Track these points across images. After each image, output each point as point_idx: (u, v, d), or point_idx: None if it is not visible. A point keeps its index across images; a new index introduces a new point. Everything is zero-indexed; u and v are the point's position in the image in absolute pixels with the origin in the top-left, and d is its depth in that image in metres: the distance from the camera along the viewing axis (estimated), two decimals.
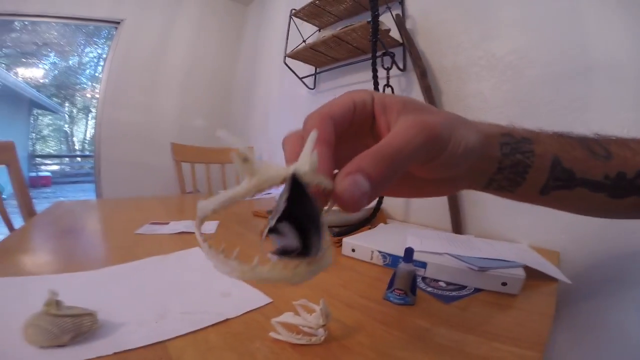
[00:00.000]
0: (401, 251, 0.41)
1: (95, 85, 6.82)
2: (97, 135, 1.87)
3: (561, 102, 0.65)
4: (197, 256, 0.53)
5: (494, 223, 0.77)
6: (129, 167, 1.91)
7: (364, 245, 0.55)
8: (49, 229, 0.70)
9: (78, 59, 6.65)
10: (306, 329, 0.31)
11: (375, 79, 0.80)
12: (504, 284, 0.43)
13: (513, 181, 0.25)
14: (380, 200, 0.77)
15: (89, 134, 8.05)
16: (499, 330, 0.34)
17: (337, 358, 0.28)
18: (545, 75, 0.68)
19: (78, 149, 8.48)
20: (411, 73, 0.94)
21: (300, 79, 1.37)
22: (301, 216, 0.15)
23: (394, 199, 0.89)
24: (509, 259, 0.48)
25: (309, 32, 1.31)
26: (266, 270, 0.14)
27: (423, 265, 0.48)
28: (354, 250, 0.56)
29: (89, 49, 6.48)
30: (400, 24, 0.92)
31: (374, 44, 0.79)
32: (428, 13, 0.92)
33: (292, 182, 0.14)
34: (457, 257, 0.48)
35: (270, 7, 1.85)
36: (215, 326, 0.32)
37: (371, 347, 0.30)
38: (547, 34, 0.68)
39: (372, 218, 0.76)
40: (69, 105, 7.96)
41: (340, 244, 0.58)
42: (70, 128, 8.33)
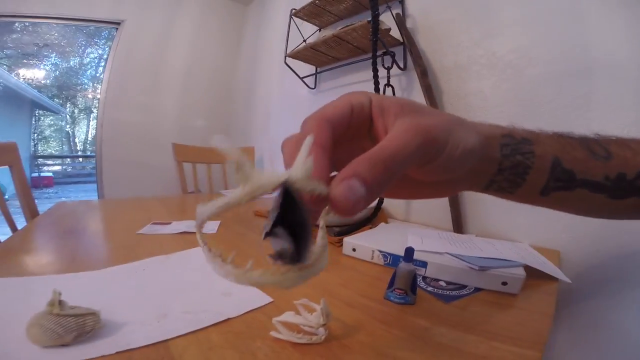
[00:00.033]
0: (402, 251, 0.41)
1: (97, 86, 6.84)
2: (98, 135, 1.88)
3: (562, 101, 0.65)
4: (199, 256, 0.53)
5: (495, 222, 0.77)
6: (130, 167, 1.92)
7: (364, 244, 0.55)
8: (52, 229, 0.71)
9: (79, 59, 6.66)
10: (307, 328, 0.31)
11: (376, 78, 0.81)
12: (504, 283, 0.43)
13: (513, 182, 0.25)
14: (381, 200, 0.77)
15: (90, 135, 8.08)
16: (498, 329, 0.34)
17: (337, 357, 0.28)
18: (545, 74, 0.68)
19: (80, 149, 8.50)
20: (412, 72, 0.94)
21: (301, 78, 1.37)
22: (294, 222, 0.15)
23: None
24: (510, 259, 0.48)
25: (309, 32, 1.31)
26: (257, 275, 0.15)
27: (424, 264, 0.48)
28: (354, 249, 0.56)
29: (89, 49, 6.50)
30: (401, 23, 0.92)
31: (375, 43, 0.80)
32: (428, 12, 0.92)
33: (283, 190, 0.14)
34: (458, 257, 0.48)
35: (270, 7, 1.85)
36: (216, 325, 0.33)
37: (371, 346, 0.30)
38: (548, 32, 0.68)
39: (373, 217, 0.76)
40: (70, 106, 7.97)
41: (341, 243, 0.58)
42: (71, 128, 8.35)
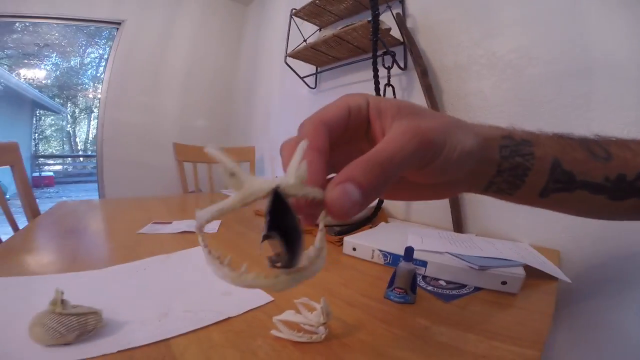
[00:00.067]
0: (402, 250, 0.41)
1: (97, 86, 6.85)
2: (99, 135, 1.88)
3: (562, 100, 0.65)
4: (199, 255, 0.53)
5: (495, 222, 0.77)
6: (131, 167, 1.92)
7: (364, 244, 0.55)
8: (53, 228, 0.71)
9: (80, 59, 6.66)
10: (307, 327, 0.31)
11: (376, 78, 0.81)
12: (503, 282, 0.43)
13: (512, 184, 0.25)
14: (382, 199, 0.77)
15: (91, 134, 8.09)
16: (498, 328, 0.34)
17: (337, 356, 0.29)
18: (545, 74, 0.68)
19: (80, 149, 8.51)
20: (412, 72, 0.94)
21: (302, 78, 1.37)
22: (286, 227, 0.15)
23: None
24: (510, 258, 0.48)
25: (309, 32, 1.31)
26: (251, 278, 0.15)
27: (423, 264, 0.48)
28: (354, 249, 0.56)
29: (90, 49, 6.50)
30: (401, 23, 0.92)
31: (375, 43, 0.80)
32: (428, 12, 0.92)
33: (273, 196, 0.15)
34: (458, 256, 0.48)
35: (270, 6, 1.85)
36: (217, 324, 0.33)
37: (371, 345, 0.30)
38: (548, 32, 0.68)
39: (373, 217, 0.76)
40: (71, 106, 7.98)
41: (341, 242, 0.59)
42: (72, 128, 8.36)
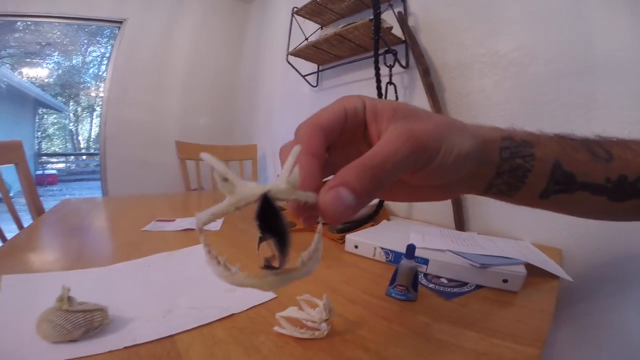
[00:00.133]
0: (404, 248, 0.41)
1: (99, 84, 6.87)
2: (102, 133, 1.89)
3: (564, 99, 0.65)
4: (202, 253, 0.54)
5: (496, 220, 0.77)
6: (134, 165, 1.93)
7: (366, 241, 0.55)
8: (57, 226, 0.72)
9: (81, 58, 6.68)
10: (310, 324, 0.31)
11: (378, 76, 0.81)
12: (505, 280, 0.43)
13: (512, 186, 0.25)
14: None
15: (93, 133, 8.13)
16: (499, 326, 0.34)
17: (339, 352, 0.29)
18: (548, 73, 0.68)
19: (83, 147, 8.55)
20: (414, 70, 0.94)
21: (303, 76, 1.37)
22: (277, 230, 0.16)
23: None
24: (511, 256, 0.49)
25: (311, 30, 1.30)
26: (242, 277, 0.16)
27: (425, 261, 0.48)
28: (356, 246, 0.56)
29: (92, 48, 6.51)
30: (403, 21, 0.92)
31: (376, 41, 0.80)
32: (430, 10, 0.92)
33: (262, 201, 0.15)
34: (459, 254, 0.49)
35: (271, 5, 1.84)
36: (221, 321, 0.33)
37: (373, 342, 0.31)
38: (551, 31, 0.68)
39: (375, 215, 0.76)
40: (73, 104, 8.02)
41: (344, 240, 0.59)
42: (75, 126, 8.41)
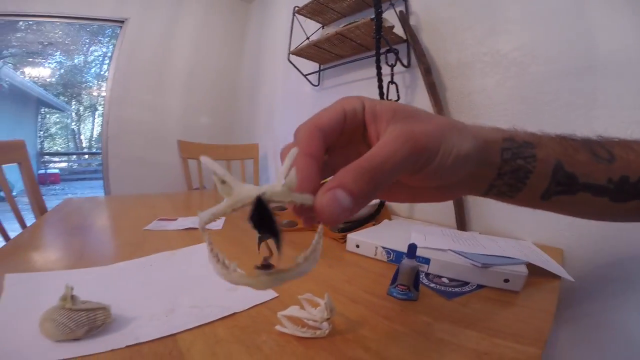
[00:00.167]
0: (405, 247, 0.41)
1: (101, 84, 6.88)
2: (104, 133, 1.89)
3: (565, 98, 0.65)
4: (205, 252, 0.54)
5: (498, 220, 0.77)
6: (136, 164, 1.93)
7: (368, 241, 0.56)
8: (60, 225, 0.72)
9: (83, 57, 6.70)
10: (311, 323, 0.31)
11: (380, 75, 0.81)
12: (506, 280, 0.43)
13: (513, 187, 0.25)
14: None
15: (95, 132, 8.15)
16: (500, 326, 0.34)
17: (340, 351, 0.29)
18: (549, 72, 0.68)
19: (85, 146, 8.58)
20: (415, 70, 0.93)
21: (305, 76, 1.37)
22: (271, 231, 0.16)
23: None
24: (513, 256, 0.49)
25: (312, 29, 1.30)
26: (237, 276, 0.17)
27: (426, 261, 0.48)
28: (358, 246, 0.57)
29: (93, 47, 6.52)
30: (404, 20, 0.91)
31: (378, 41, 0.80)
32: (432, 9, 0.92)
33: (256, 203, 0.15)
34: (460, 254, 0.49)
35: (273, 4, 1.84)
36: (223, 320, 0.33)
37: (374, 341, 0.31)
38: (552, 30, 0.67)
39: (377, 214, 0.76)
40: (75, 104, 8.04)
41: (345, 239, 0.59)
42: (77, 126, 8.43)
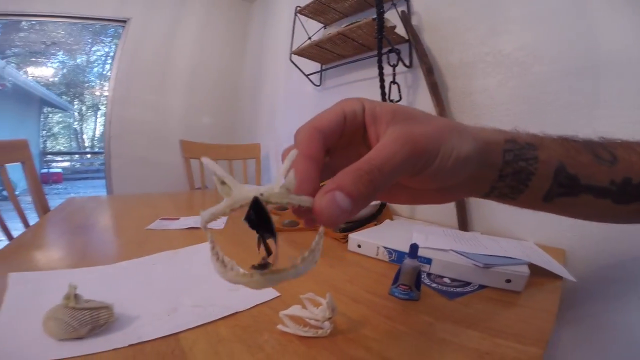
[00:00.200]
0: (407, 247, 0.41)
1: (104, 83, 6.89)
2: (106, 132, 1.90)
3: (568, 98, 0.65)
4: (207, 251, 0.54)
5: (500, 220, 0.77)
6: (138, 163, 1.94)
7: (369, 241, 0.56)
8: (63, 224, 0.73)
9: (86, 57, 6.71)
10: (313, 322, 0.32)
11: (381, 75, 0.81)
12: (508, 281, 0.43)
13: (515, 189, 0.24)
14: None
15: (98, 131, 8.17)
16: (501, 326, 0.34)
17: (342, 350, 0.29)
18: (552, 72, 0.67)
19: (88, 146, 8.61)
20: (417, 70, 0.93)
21: (307, 75, 1.36)
22: (269, 231, 0.17)
23: None
24: (514, 256, 0.48)
25: (314, 29, 1.30)
26: (233, 275, 0.17)
27: (428, 261, 0.48)
28: (359, 246, 0.57)
29: (96, 47, 6.54)
30: (406, 20, 0.91)
31: (380, 41, 0.80)
32: (434, 9, 0.91)
33: (252, 204, 0.16)
34: (462, 254, 0.49)
35: (274, 4, 1.84)
36: (225, 319, 0.34)
37: (375, 341, 0.31)
38: (554, 30, 0.67)
39: (378, 214, 0.76)
40: (78, 103, 8.05)
41: (347, 239, 0.59)
42: (80, 125, 8.45)
